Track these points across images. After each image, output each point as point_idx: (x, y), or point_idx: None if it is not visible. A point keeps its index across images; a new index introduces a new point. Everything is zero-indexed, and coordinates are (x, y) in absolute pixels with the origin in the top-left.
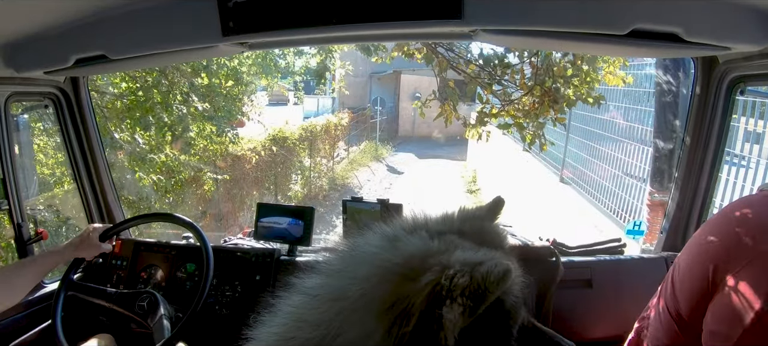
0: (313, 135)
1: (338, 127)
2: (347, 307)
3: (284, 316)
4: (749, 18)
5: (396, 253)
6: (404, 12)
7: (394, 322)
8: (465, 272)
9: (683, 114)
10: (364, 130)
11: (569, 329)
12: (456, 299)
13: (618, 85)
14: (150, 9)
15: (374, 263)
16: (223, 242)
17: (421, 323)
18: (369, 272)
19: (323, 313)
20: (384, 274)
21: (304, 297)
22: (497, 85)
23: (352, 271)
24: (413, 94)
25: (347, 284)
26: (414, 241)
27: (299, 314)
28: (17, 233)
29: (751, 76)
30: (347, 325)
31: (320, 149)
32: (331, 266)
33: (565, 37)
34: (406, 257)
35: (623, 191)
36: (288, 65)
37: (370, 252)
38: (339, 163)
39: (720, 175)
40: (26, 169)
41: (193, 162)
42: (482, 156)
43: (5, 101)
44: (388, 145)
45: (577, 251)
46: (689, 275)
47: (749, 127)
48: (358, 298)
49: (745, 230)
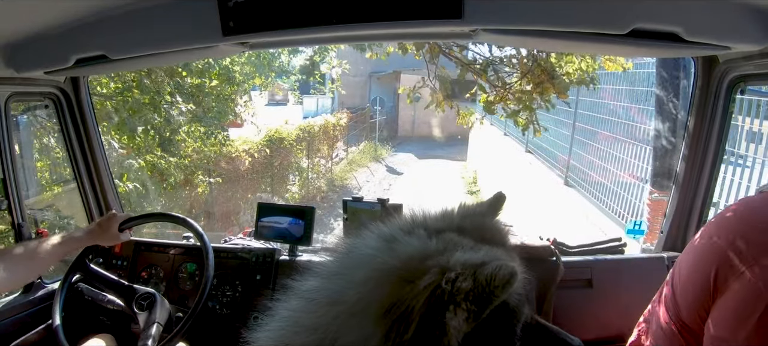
0: (311, 136)
1: (337, 128)
2: (344, 311)
3: (281, 320)
4: (749, 17)
5: (393, 255)
6: (404, 12)
7: (392, 326)
8: (467, 275)
9: (683, 113)
10: (363, 131)
11: (570, 330)
12: (460, 305)
13: (617, 71)
14: (150, 9)
15: (371, 265)
16: (224, 241)
17: (421, 327)
18: (366, 275)
19: (320, 317)
20: (381, 277)
21: (301, 301)
22: (491, 72)
23: (349, 274)
24: (413, 93)
25: (344, 287)
26: (412, 241)
27: (296, 318)
28: (17, 233)
29: (751, 76)
30: (345, 329)
31: (318, 150)
32: (328, 268)
33: (566, 36)
34: (403, 259)
35: (631, 194)
36: (281, 65)
37: (367, 254)
38: (338, 164)
39: (724, 175)
40: (27, 169)
41: (184, 164)
42: (483, 156)
43: (5, 101)
44: (387, 146)
45: (578, 250)
46: (690, 280)
47: (754, 127)
48: (356, 302)
49: (747, 234)
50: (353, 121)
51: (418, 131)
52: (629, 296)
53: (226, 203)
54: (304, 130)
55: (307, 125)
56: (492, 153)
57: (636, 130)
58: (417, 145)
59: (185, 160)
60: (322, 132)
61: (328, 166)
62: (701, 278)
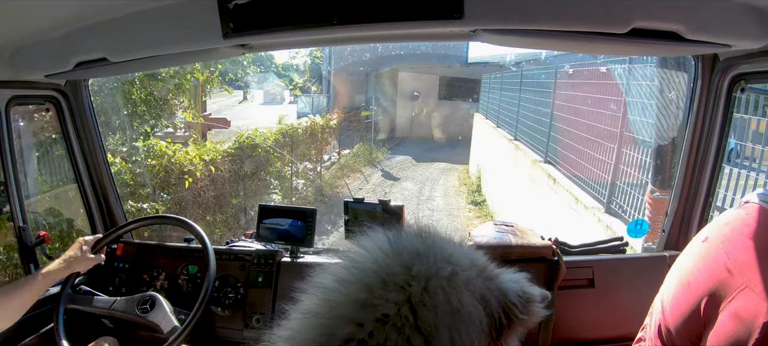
0: (294, 140)
1: (326, 130)
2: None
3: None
4: (750, 16)
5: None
6: (405, 12)
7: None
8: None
9: (684, 112)
10: (358, 131)
11: (572, 330)
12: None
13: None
14: (150, 11)
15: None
16: (226, 243)
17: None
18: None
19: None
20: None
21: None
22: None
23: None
24: (411, 93)
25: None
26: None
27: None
28: (19, 237)
29: (751, 74)
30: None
31: (305, 154)
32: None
33: (566, 36)
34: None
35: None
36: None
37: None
38: (328, 169)
39: (737, 179)
40: (28, 172)
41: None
42: (486, 159)
43: (6, 104)
44: (383, 148)
45: (579, 250)
46: (680, 312)
47: (761, 128)
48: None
49: (733, 256)
50: (347, 122)
51: (417, 132)
52: (631, 295)
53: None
54: (285, 134)
55: (290, 128)
56: (496, 155)
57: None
58: (415, 147)
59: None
60: (308, 135)
61: (317, 172)
62: (691, 312)
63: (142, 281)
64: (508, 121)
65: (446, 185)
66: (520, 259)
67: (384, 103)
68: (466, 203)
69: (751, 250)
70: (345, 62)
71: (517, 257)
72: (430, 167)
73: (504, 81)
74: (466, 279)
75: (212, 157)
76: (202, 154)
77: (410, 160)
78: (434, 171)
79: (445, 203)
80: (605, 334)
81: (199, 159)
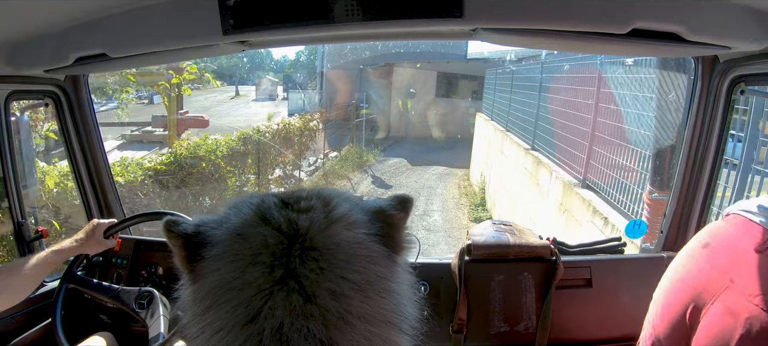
0: (261, 147)
1: (304, 132)
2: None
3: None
4: (750, 18)
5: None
6: (405, 10)
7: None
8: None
9: (684, 113)
10: (348, 131)
11: (569, 330)
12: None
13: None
14: (150, 7)
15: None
16: None
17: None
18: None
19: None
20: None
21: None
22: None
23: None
24: (407, 89)
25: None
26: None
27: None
28: (18, 231)
29: (751, 76)
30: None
31: (277, 161)
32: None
33: (566, 36)
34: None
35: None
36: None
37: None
38: (311, 175)
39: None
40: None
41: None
42: (493, 169)
43: (5, 100)
44: (376, 149)
45: (577, 250)
46: (668, 319)
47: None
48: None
49: (716, 262)
50: (342, 120)
51: (413, 132)
52: (629, 295)
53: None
54: (247, 140)
55: (255, 131)
56: (500, 157)
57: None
58: (411, 148)
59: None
60: (281, 138)
61: (296, 179)
62: (677, 320)
63: (140, 276)
64: (521, 125)
65: (445, 194)
66: (518, 258)
67: (378, 100)
68: (468, 221)
69: (732, 253)
70: (344, 59)
71: (515, 256)
72: (427, 172)
73: (515, 77)
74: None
75: (129, 180)
76: (117, 174)
77: (405, 163)
78: (431, 177)
79: (443, 219)
80: (603, 334)
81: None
